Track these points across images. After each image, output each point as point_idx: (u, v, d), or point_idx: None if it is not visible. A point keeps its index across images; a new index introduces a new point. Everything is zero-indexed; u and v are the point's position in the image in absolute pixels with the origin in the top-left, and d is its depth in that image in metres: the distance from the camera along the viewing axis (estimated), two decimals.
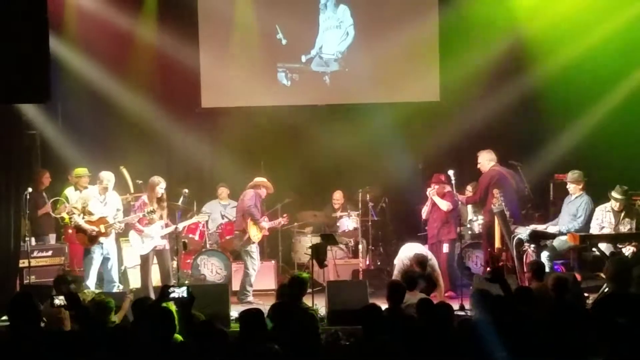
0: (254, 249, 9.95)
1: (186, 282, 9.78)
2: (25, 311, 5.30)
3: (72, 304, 5.83)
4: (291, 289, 7.05)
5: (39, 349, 4.83)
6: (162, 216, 9.51)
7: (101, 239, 9.30)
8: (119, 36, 11.36)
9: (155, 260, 9.54)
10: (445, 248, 9.79)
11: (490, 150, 9.88)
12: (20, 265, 9.29)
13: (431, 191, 9.86)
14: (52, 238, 10.45)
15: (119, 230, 9.59)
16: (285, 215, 10.52)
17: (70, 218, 9.63)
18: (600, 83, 11.09)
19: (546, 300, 6.64)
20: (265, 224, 10.08)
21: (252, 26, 11.99)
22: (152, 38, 11.59)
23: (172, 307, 5.72)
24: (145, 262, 9.50)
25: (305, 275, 7.56)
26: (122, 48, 11.46)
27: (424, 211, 10.01)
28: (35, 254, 9.71)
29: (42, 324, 6.33)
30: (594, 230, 9.22)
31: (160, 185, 9.43)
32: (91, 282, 9.29)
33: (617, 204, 9.17)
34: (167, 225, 9.55)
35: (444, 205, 9.76)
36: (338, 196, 11.47)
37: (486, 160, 9.82)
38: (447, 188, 9.88)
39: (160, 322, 5.37)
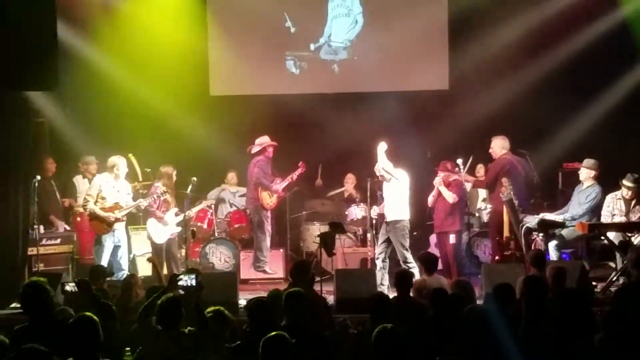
0: (267, 219, 10.20)
1: None
2: (38, 298, 5.30)
3: (84, 291, 5.85)
4: (298, 276, 7.01)
5: (53, 335, 4.83)
6: (174, 203, 9.67)
7: (115, 226, 9.33)
8: (128, 24, 11.35)
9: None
10: (452, 239, 9.66)
11: (504, 137, 9.79)
12: (29, 253, 9.30)
13: (438, 180, 9.75)
14: (60, 226, 10.46)
15: (136, 212, 9.73)
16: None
17: (84, 206, 9.60)
18: (610, 70, 11.03)
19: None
20: (278, 185, 10.27)
21: (260, 14, 11.95)
22: (161, 25, 11.57)
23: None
24: (160, 251, 9.53)
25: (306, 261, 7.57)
26: (130, 36, 11.43)
27: (430, 199, 9.94)
28: (44, 241, 9.73)
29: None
30: (605, 218, 9.18)
31: (175, 173, 9.71)
32: None
33: (629, 192, 9.13)
34: (177, 214, 9.62)
35: (450, 197, 9.57)
36: (349, 178, 11.48)
37: (498, 147, 9.75)
38: (454, 176, 9.78)
39: (168, 311, 5.37)
